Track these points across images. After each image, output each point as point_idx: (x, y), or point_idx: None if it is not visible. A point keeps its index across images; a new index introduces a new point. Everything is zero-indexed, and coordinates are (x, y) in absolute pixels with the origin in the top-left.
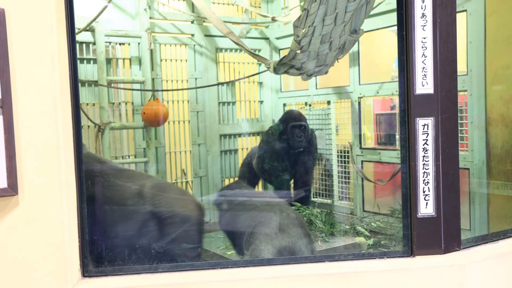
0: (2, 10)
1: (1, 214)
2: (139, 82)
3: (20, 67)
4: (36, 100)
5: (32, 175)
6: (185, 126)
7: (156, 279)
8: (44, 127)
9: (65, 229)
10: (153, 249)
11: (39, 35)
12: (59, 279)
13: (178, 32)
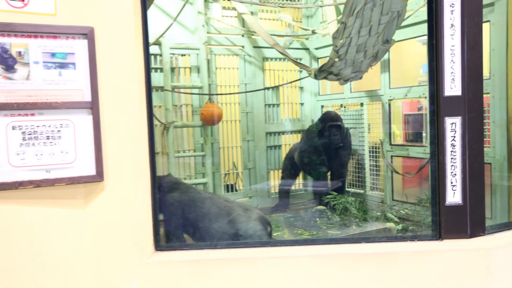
0: (92, 28)
1: (91, 196)
2: (197, 87)
3: (106, 75)
4: (118, 103)
5: (115, 165)
6: (236, 125)
7: (216, 254)
8: (124, 125)
9: (141, 211)
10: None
11: (121, 49)
12: (137, 251)
13: (230, 44)
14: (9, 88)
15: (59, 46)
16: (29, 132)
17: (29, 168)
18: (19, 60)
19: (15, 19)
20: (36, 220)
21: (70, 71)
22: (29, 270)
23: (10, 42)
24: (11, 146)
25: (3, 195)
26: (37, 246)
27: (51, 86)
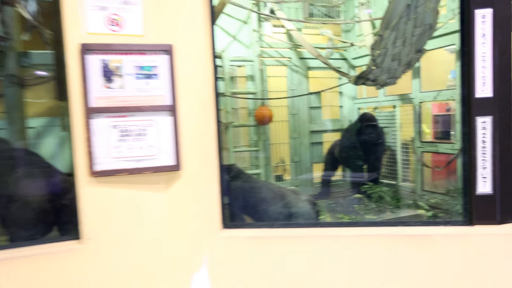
0: (171, 45)
1: (170, 182)
2: (252, 93)
3: (182, 83)
4: (192, 106)
5: (189, 157)
6: (284, 125)
7: (273, 232)
8: (197, 124)
9: (210, 195)
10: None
11: (194, 61)
12: (208, 228)
13: (279, 56)
14: (109, 95)
15: (146, 60)
16: (124, 130)
17: (124, 159)
18: (116, 73)
19: (113, 41)
20: (129, 199)
21: (155, 81)
22: (124, 238)
23: (109, 59)
24: (111, 142)
25: (106, 180)
26: (130, 219)
27: (140, 93)
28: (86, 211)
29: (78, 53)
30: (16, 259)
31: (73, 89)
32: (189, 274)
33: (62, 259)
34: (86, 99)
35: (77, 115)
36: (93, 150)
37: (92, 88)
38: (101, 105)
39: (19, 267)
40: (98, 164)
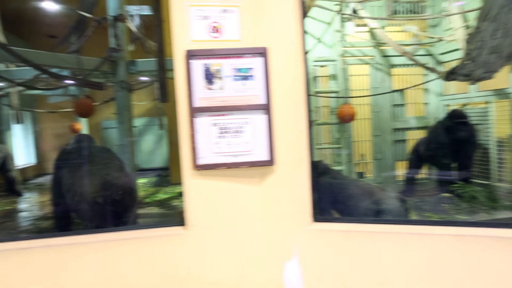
0: (266, 48)
1: (264, 176)
2: (334, 92)
3: (276, 83)
4: (285, 105)
5: (283, 153)
6: (367, 123)
7: (363, 227)
8: (289, 122)
9: (302, 189)
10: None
11: (286, 62)
12: (299, 221)
13: (362, 55)
14: (210, 96)
15: (243, 63)
16: (223, 127)
17: (223, 154)
18: (216, 76)
19: (214, 46)
20: (227, 191)
21: (251, 82)
22: (223, 226)
23: (211, 63)
24: (212, 138)
25: (207, 173)
26: (228, 209)
27: (238, 93)
28: (190, 200)
29: (183, 59)
30: (131, 240)
31: (179, 91)
32: (282, 262)
33: (169, 242)
34: (191, 100)
35: (183, 114)
36: (197, 146)
37: (195, 90)
38: (203, 105)
39: (133, 247)
40: (200, 158)
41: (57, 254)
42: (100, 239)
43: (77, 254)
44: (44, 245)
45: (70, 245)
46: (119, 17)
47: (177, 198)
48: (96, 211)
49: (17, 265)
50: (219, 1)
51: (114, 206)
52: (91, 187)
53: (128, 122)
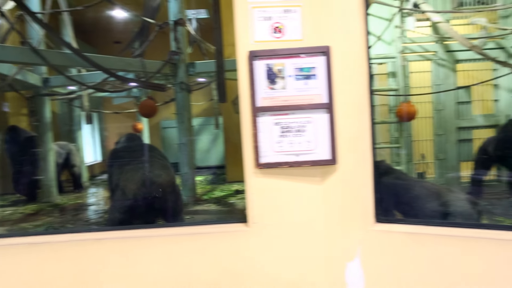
0: (328, 46)
1: (325, 176)
2: (393, 90)
3: (338, 82)
4: (347, 103)
5: (344, 152)
6: (428, 121)
7: (429, 230)
8: (352, 121)
9: (364, 189)
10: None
11: (350, 60)
12: (361, 221)
13: (423, 51)
14: (272, 95)
15: (305, 62)
16: (285, 127)
17: (284, 153)
18: (278, 75)
19: (276, 46)
20: (288, 189)
21: (313, 81)
22: (284, 224)
23: (273, 63)
24: (274, 137)
25: (269, 171)
26: (289, 208)
27: (299, 92)
28: (252, 198)
29: (246, 60)
30: (196, 235)
31: (242, 92)
32: (343, 262)
33: (231, 238)
34: (253, 99)
35: (245, 114)
36: (259, 145)
37: (258, 90)
38: (265, 105)
39: (197, 241)
40: (262, 157)
41: (127, 246)
42: (166, 233)
43: (145, 246)
44: (115, 237)
45: (139, 238)
46: (179, 21)
47: (233, 195)
48: (135, 207)
49: (92, 254)
50: (281, 2)
51: (155, 203)
52: (133, 184)
53: (187, 121)
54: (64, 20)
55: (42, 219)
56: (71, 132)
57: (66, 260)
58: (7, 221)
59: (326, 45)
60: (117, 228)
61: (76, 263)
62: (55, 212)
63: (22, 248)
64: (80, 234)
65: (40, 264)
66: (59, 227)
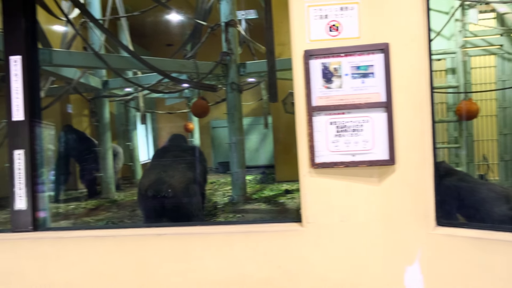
0: (387, 43)
1: (383, 176)
2: (453, 87)
3: (398, 80)
4: (407, 102)
5: (403, 152)
6: (492, 120)
7: (498, 235)
8: (412, 120)
9: (425, 191)
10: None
11: (409, 57)
12: (421, 224)
13: (487, 45)
14: (328, 95)
15: (362, 60)
16: (340, 126)
17: (340, 153)
18: (335, 74)
19: (332, 45)
20: (344, 190)
21: (370, 79)
22: (339, 225)
23: (329, 61)
24: (329, 137)
25: (324, 171)
26: (345, 208)
27: (356, 91)
28: (307, 197)
29: (302, 59)
30: (250, 233)
31: (298, 91)
32: (401, 265)
33: (286, 237)
34: (309, 99)
35: (301, 113)
36: (314, 144)
37: (314, 89)
38: (321, 104)
39: (251, 239)
40: (318, 156)
41: (184, 241)
42: (221, 231)
43: (201, 242)
44: (174, 233)
45: (196, 234)
46: (231, 22)
47: (283, 195)
48: (145, 205)
49: (152, 247)
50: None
51: (163, 203)
52: (144, 182)
53: (238, 121)
54: (121, 25)
55: (102, 214)
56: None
57: (128, 253)
58: (72, 215)
59: (385, 42)
60: (175, 224)
61: (138, 256)
62: (113, 208)
63: (89, 241)
64: (142, 229)
65: (104, 256)
66: (118, 221)
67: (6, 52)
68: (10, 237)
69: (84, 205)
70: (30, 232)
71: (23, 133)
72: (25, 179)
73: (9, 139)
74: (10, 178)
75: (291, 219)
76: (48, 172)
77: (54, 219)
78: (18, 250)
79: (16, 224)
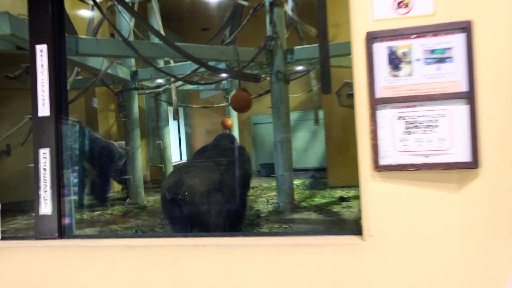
0: (469, 21)
1: (464, 182)
2: None
3: (484, 66)
4: (496, 92)
5: (491, 152)
6: None
7: None
8: (501, 114)
9: None
10: None
11: (498, 38)
12: None
13: None
14: (395, 84)
15: (437, 43)
16: (410, 122)
17: (410, 153)
18: (403, 60)
19: (400, 25)
20: (415, 198)
21: (447, 65)
22: (409, 240)
23: (397, 45)
24: (396, 134)
25: (390, 175)
26: (415, 220)
27: (430, 79)
28: (369, 206)
29: (363, 43)
30: (301, 246)
31: (358, 80)
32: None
33: (343, 252)
34: (372, 89)
35: (362, 106)
36: (379, 143)
37: (378, 77)
38: (386, 95)
39: (303, 253)
40: (383, 158)
41: (226, 254)
42: (268, 243)
43: (245, 256)
44: (214, 244)
45: (238, 246)
46: (276, 1)
47: (337, 203)
48: (166, 207)
49: (190, 260)
50: None
51: (180, 206)
52: (165, 183)
53: (284, 116)
54: (152, 8)
55: (131, 221)
56: (157, 128)
57: (162, 265)
58: (97, 222)
59: (466, 19)
60: (215, 234)
61: (173, 269)
62: (143, 215)
63: (119, 250)
64: (177, 239)
65: (136, 267)
66: (148, 230)
67: (31, 40)
68: (35, 245)
69: (110, 211)
70: (56, 240)
71: (49, 130)
72: (50, 181)
73: (34, 137)
74: (35, 179)
75: (350, 231)
76: (73, 174)
77: (78, 226)
78: (43, 259)
79: (41, 231)
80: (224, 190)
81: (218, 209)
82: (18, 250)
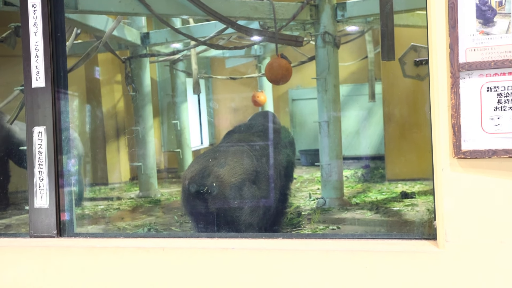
0: None
1: None
2: None
3: None
4: None
5: None
6: None
7: None
8: None
9: None
10: None
11: None
12: None
13: None
14: (486, 45)
15: None
16: (505, 94)
17: (503, 136)
18: (499, 11)
19: None
20: (504, 192)
21: None
22: (501, 247)
23: None
24: (485, 110)
25: (475, 164)
26: (507, 220)
27: None
28: (447, 204)
29: None
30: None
31: (435, 41)
32: None
33: (411, 260)
34: (454, 52)
35: (439, 74)
36: (461, 122)
37: (462, 36)
38: (474, 60)
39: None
40: (466, 141)
41: (262, 260)
42: (315, 247)
43: (285, 261)
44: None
45: (278, 251)
46: None
47: (399, 200)
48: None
49: (217, 266)
50: None
51: (202, 197)
52: (187, 172)
53: (332, 90)
54: None
55: (142, 218)
56: (173, 105)
57: (184, 270)
58: (101, 218)
59: None
60: (248, 235)
61: (197, 276)
62: (156, 210)
63: (130, 252)
64: (201, 240)
65: (151, 272)
66: (163, 229)
67: None
68: (29, 244)
69: (116, 205)
70: (54, 238)
71: (44, 104)
72: (47, 167)
73: (26, 113)
74: (28, 164)
75: (419, 235)
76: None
77: (79, 222)
78: (39, 261)
79: (36, 227)
80: (261, 182)
81: (252, 205)
82: (9, 250)
